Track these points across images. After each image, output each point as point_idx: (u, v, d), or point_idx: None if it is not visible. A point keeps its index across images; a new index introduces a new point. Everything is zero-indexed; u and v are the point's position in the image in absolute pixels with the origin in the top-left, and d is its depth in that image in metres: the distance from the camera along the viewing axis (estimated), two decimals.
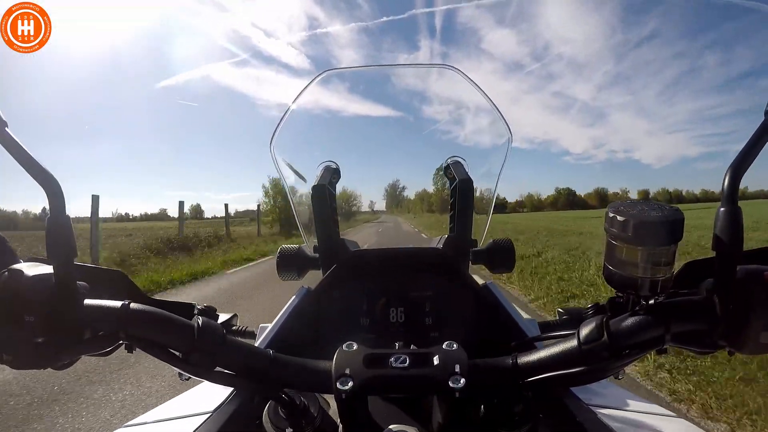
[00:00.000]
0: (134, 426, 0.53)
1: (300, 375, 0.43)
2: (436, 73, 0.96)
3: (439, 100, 1.11)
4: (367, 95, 64.72)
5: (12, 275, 0.37)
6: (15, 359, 0.37)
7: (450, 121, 1.03)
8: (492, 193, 0.87)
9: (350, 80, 1.31)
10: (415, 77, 1.01)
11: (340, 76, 0.90)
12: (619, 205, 0.37)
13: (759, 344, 0.36)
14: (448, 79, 0.86)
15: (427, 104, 7.16)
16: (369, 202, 1.71)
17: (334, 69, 0.84)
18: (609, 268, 0.38)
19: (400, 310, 0.68)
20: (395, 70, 1.20)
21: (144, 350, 0.40)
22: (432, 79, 1.01)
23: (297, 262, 0.77)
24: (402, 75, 1.23)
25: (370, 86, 61.88)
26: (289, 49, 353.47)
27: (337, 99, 16.47)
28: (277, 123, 0.76)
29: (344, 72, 0.91)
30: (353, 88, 32.03)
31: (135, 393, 2.63)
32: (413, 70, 1.11)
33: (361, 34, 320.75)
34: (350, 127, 6.95)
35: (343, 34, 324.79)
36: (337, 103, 21.61)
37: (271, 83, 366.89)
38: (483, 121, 0.87)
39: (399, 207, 3.09)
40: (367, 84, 2.95)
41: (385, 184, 1.27)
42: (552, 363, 0.41)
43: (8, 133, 0.37)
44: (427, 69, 1.05)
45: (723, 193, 0.36)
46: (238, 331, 0.66)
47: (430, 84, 1.05)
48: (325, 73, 0.80)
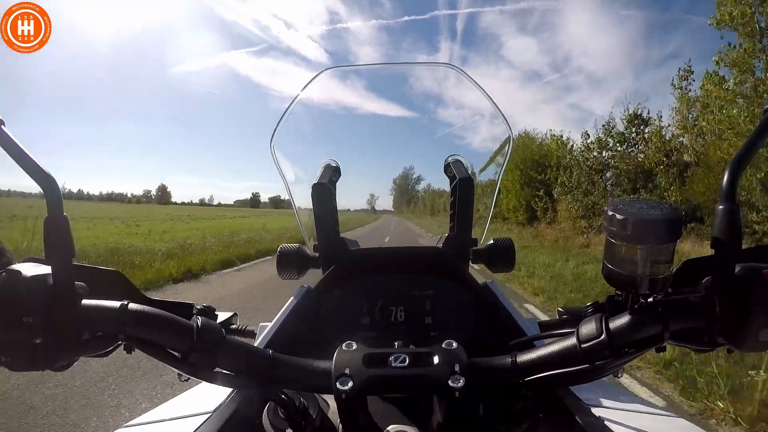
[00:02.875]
0: (134, 426, 0.53)
1: (299, 375, 0.43)
2: (440, 72, 0.95)
3: (441, 99, 1.11)
4: (370, 94, 64.92)
5: (10, 276, 0.37)
6: (13, 361, 0.37)
7: (453, 120, 1.03)
8: (493, 192, 0.86)
9: (353, 78, 1.29)
10: (419, 77, 1.00)
11: (343, 75, 0.89)
12: (618, 203, 0.37)
13: (758, 342, 0.36)
14: (451, 79, 0.85)
15: (429, 103, 7.17)
16: (368, 197, 1.33)
17: (336, 66, 0.83)
18: (608, 267, 0.38)
19: (400, 310, 0.68)
20: (399, 69, 1.20)
21: (143, 350, 0.40)
22: (435, 79, 1.01)
23: (297, 261, 0.76)
24: (406, 74, 1.22)
25: (373, 84, 61.69)
26: (309, 42, 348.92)
27: (339, 97, 16.25)
28: (278, 120, 0.75)
29: (347, 70, 0.90)
30: (356, 86, 31.44)
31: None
32: (417, 70, 1.11)
33: (381, 32, 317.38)
34: (352, 125, 6.86)
35: (364, 30, 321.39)
36: (340, 101, 21.34)
37: (289, 75, 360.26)
38: (484, 120, 0.87)
39: (412, 206, 2.25)
40: (369, 82, 2.92)
41: (388, 181, 1.16)
42: (551, 362, 0.41)
43: (5, 132, 0.37)
44: (431, 68, 1.05)
45: (722, 191, 0.36)
46: (237, 331, 0.66)
47: (434, 84, 1.05)
48: (327, 71, 0.80)
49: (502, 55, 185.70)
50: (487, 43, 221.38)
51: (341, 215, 0.74)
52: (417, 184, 1.58)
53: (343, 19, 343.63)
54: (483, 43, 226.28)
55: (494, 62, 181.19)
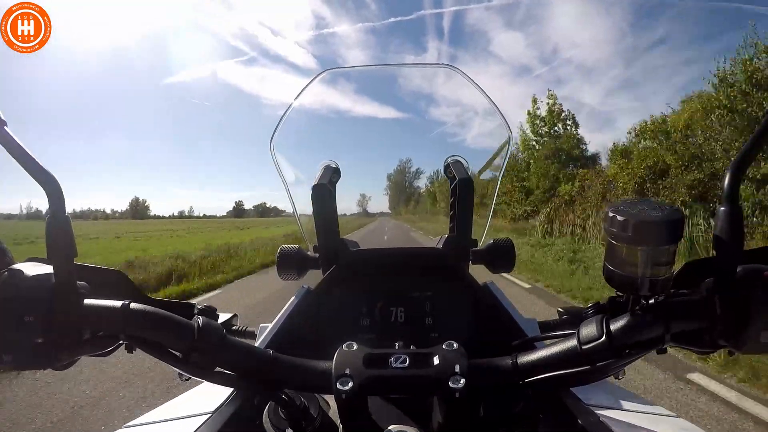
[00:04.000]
0: (135, 426, 0.53)
1: (300, 375, 0.43)
2: (438, 73, 0.96)
3: (440, 100, 1.11)
4: (369, 95, 64.41)
5: (12, 275, 0.37)
6: (15, 360, 0.37)
7: (452, 120, 1.03)
8: (493, 192, 0.87)
9: (351, 79, 1.27)
10: (416, 77, 1.00)
11: (341, 76, 0.90)
12: (619, 204, 0.37)
13: (759, 344, 0.36)
14: (450, 80, 0.86)
15: (428, 104, 6.97)
16: (358, 197, 1.09)
17: (335, 68, 0.83)
18: (609, 268, 0.38)
19: (400, 310, 0.68)
20: (397, 70, 1.21)
21: (144, 350, 0.40)
22: (433, 80, 1.01)
23: (297, 261, 0.76)
24: (403, 75, 1.21)
25: (372, 86, 61.18)
26: (296, 48, 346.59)
27: (337, 98, 16.22)
28: (277, 122, 0.76)
29: (345, 71, 0.90)
30: (354, 87, 31.50)
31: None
32: (415, 70, 1.11)
33: (368, 35, 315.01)
34: (351, 126, 6.81)
35: (351, 34, 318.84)
36: (338, 103, 21.29)
37: (278, 82, 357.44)
38: (484, 120, 0.87)
39: (412, 205, 1.82)
40: (368, 83, 2.89)
41: (384, 181, 1.05)
42: (552, 363, 0.41)
43: (8, 133, 0.37)
44: (429, 69, 1.05)
45: (723, 192, 0.36)
46: (238, 331, 0.66)
47: (432, 84, 1.06)
48: (325, 73, 0.80)
49: (491, 51, 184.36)
50: (475, 41, 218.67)
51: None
52: (416, 179, 1.41)
53: (329, 23, 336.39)
54: (471, 41, 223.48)
55: (483, 59, 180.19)
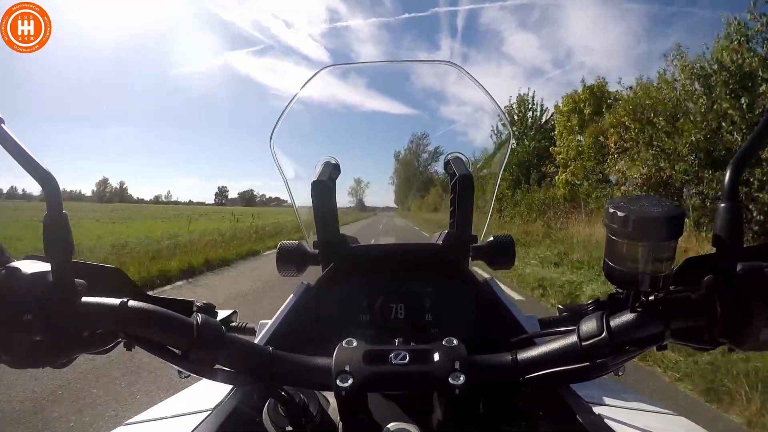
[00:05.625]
0: (134, 424, 0.53)
1: (300, 372, 0.43)
2: (441, 70, 0.95)
3: (440, 97, 1.10)
4: (369, 91, 64.49)
5: (9, 273, 0.37)
6: (13, 358, 0.37)
7: (451, 117, 1.02)
8: (493, 189, 0.86)
9: (353, 76, 1.25)
10: (419, 74, 0.99)
11: (343, 72, 0.89)
12: (619, 201, 0.37)
13: (759, 341, 0.36)
14: (452, 77, 0.85)
15: (429, 101, 6.90)
16: (351, 184, 0.80)
17: (335, 65, 0.83)
18: (609, 264, 0.38)
19: (400, 307, 0.68)
20: (398, 67, 1.20)
21: (143, 348, 0.40)
22: (436, 77, 1.00)
23: (296, 257, 0.76)
24: (406, 72, 1.18)
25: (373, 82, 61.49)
26: (309, 40, 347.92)
27: (339, 95, 16.29)
28: (278, 118, 0.75)
29: (346, 68, 0.90)
30: (356, 83, 31.46)
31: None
32: (418, 68, 1.10)
33: (381, 30, 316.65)
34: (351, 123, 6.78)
35: (364, 28, 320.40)
36: (339, 99, 21.29)
37: (290, 74, 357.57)
38: (485, 118, 0.86)
39: (427, 197, 1.42)
40: (369, 80, 2.87)
41: (385, 180, 0.92)
42: (552, 359, 0.41)
43: (5, 130, 0.37)
44: (432, 66, 1.05)
45: (724, 189, 0.36)
46: (237, 328, 0.66)
47: (434, 81, 1.05)
48: (326, 69, 0.80)
49: (504, 51, 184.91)
50: (488, 40, 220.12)
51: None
52: (434, 160, 1.01)
53: (343, 17, 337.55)
54: (484, 40, 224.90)
55: (496, 59, 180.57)
